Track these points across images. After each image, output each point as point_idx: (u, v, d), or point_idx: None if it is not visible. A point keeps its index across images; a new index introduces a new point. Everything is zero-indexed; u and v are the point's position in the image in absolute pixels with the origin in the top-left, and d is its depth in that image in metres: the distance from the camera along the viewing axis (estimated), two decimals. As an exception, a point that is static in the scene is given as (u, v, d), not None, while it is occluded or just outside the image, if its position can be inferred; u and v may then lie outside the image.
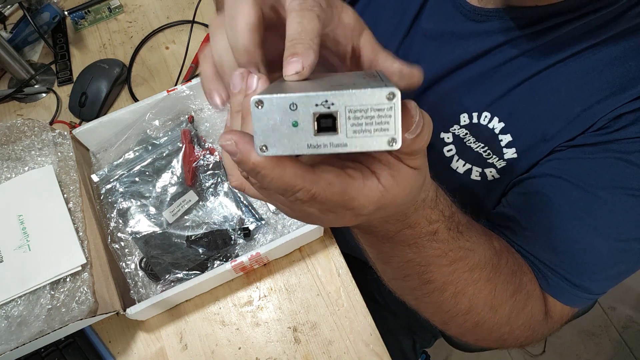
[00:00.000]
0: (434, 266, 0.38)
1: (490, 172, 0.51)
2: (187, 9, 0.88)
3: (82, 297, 0.57)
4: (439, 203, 0.35)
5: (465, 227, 0.39)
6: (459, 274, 0.40)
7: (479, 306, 0.43)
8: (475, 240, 0.40)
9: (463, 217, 0.39)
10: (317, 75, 0.27)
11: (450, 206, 0.37)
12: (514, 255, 0.47)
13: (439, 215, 0.35)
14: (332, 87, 0.22)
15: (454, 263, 0.39)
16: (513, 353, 1.38)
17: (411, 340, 0.85)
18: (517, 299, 0.44)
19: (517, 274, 0.45)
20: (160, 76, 0.82)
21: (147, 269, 0.62)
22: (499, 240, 0.46)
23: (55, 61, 0.85)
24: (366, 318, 0.60)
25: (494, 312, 0.44)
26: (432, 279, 0.40)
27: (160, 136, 0.70)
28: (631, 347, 1.36)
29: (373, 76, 0.26)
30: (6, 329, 0.56)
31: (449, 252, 0.38)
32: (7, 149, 0.68)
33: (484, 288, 0.42)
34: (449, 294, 0.41)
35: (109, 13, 0.89)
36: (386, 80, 0.24)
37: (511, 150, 0.49)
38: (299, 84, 0.24)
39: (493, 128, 0.49)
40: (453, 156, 0.53)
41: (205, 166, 0.67)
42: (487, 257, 0.41)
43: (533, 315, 0.46)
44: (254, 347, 0.60)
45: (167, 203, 0.65)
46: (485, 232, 0.44)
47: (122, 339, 0.61)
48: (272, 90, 0.23)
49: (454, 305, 0.42)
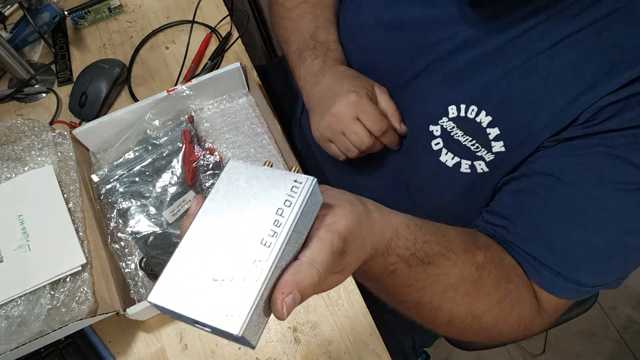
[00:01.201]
0: (402, 292, 0.41)
1: (480, 165, 0.51)
2: (187, 9, 0.88)
3: (82, 297, 0.57)
4: (396, 247, 0.37)
5: (436, 256, 0.40)
6: (430, 296, 0.41)
7: (460, 316, 0.44)
8: (450, 264, 0.41)
9: (436, 245, 0.41)
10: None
11: (414, 243, 0.38)
12: (500, 263, 0.46)
13: (395, 258, 0.37)
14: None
15: (423, 289, 0.41)
16: (513, 353, 1.38)
17: (411, 340, 0.85)
18: (501, 306, 0.45)
19: (502, 283, 0.45)
20: (160, 76, 0.82)
21: (147, 269, 0.62)
22: (485, 252, 0.46)
23: (55, 61, 0.85)
24: (366, 318, 0.60)
25: (477, 320, 0.45)
26: (404, 300, 0.42)
27: (160, 136, 0.70)
28: (631, 347, 1.36)
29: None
30: (6, 329, 0.56)
31: (414, 282, 0.40)
32: (7, 149, 0.68)
33: (461, 302, 0.43)
34: (426, 310, 0.43)
35: (109, 13, 0.89)
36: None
37: (499, 144, 0.49)
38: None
39: (480, 122, 0.49)
40: (441, 149, 0.53)
41: (205, 166, 0.67)
42: (464, 276, 0.43)
43: (521, 317, 0.47)
44: (254, 347, 0.60)
45: (167, 203, 0.65)
46: (466, 250, 0.44)
47: (122, 339, 0.61)
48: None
49: (433, 318, 0.44)
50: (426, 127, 0.54)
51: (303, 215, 0.29)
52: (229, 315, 0.26)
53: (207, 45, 0.84)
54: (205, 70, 0.80)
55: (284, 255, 0.28)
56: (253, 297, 0.26)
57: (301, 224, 0.29)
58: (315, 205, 0.30)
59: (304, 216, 0.29)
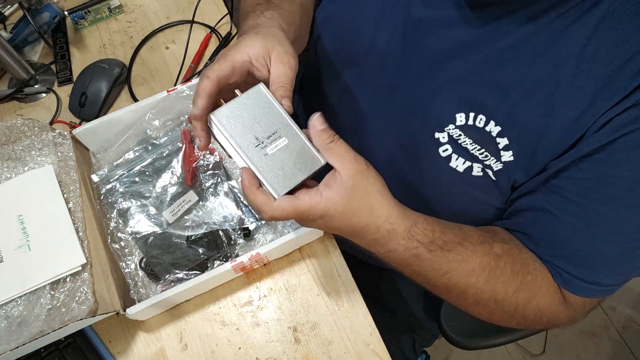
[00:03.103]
0: (431, 276, 0.48)
1: (489, 172, 0.51)
2: (187, 9, 0.88)
3: (82, 297, 0.57)
4: (415, 234, 0.45)
5: (454, 244, 0.47)
6: (455, 280, 0.48)
7: (484, 300, 0.49)
8: (469, 252, 0.47)
9: (453, 236, 0.47)
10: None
11: (432, 232, 0.46)
12: (518, 256, 0.50)
13: (416, 243, 0.45)
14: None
15: (447, 273, 0.47)
16: (513, 353, 1.38)
17: (411, 339, 0.85)
18: (520, 295, 0.49)
19: (519, 273, 0.49)
20: (160, 76, 0.82)
21: (147, 269, 0.62)
22: (502, 245, 0.50)
23: (55, 61, 0.85)
24: (366, 318, 0.60)
25: (500, 306, 0.49)
26: (435, 284, 0.49)
27: (160, 136, 0.70)
28: (631, 347, 1.36)
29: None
30: (6, 329, 0.56)
31: (438, 267, 0.47)
32: (7, 149, 0.68)
33: (484, 287, 0.48)
34: (455, 293, 0.49)
35: (109, 13, 0.89)
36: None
37: (508, 153, 0.49)
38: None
39: (490, 131, 0.49)
40: (451, 155, 0.53)
41: (205, 166, 0.67)
42: (482, 264, 0.47)
43: (541, 308, 0.50)
44: (254, 347, 0.60)
45: (167, 203, 0.65)
46: (484, 242, 0.49)
47: (122, 339, 0.61)
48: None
49: (463, 300, 0.50)
50: (431, 134, 0.53)
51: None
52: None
53: (207, 45, 0.84)
54: (205, 70, 0.80)
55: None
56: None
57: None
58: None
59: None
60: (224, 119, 0.44)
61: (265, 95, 0.45)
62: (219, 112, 0.44)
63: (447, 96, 0.52)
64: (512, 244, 0.51)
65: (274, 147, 0.43)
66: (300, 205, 0.42)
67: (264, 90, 0.45)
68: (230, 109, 0.44)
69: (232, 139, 0.43)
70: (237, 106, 0.44)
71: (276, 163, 0.43)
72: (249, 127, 0.44)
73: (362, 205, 0.43)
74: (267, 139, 0.43)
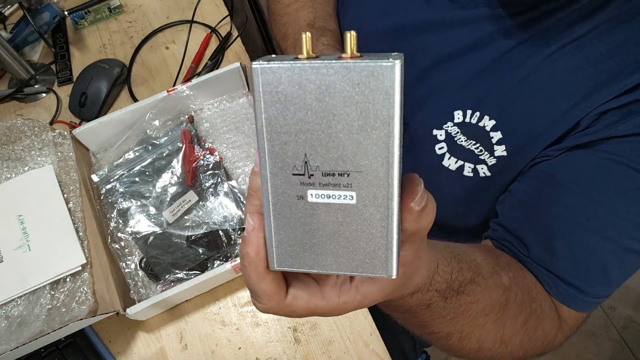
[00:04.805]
0: (434, 323, 0.39)
1: (482, 169, 0.51)
2: (187, 9, 0.88)
3: (82, 297, 0.57)
4: (435, 282, 0.34)
5: (468, 284, 0.38)
6: (461, 324, 0.40)
7: (488, 344, 0.43)
8: (480, 290, 0.40)
9: (468, 273, 0.38)
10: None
11: (450, 274, 0.36)
12: (522, 282, 0.46)
13: (434, 293, 0.35)
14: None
15: (454, 318, 0.39)
16: (513, 353, 1.38)
17: (411, 339, 0.85)
18: (527, 326, 0.44)
19: (526, 303, 0.44)
20: (160, 76, 0.82)
21: (147, 269, 0.62)
22: (508, 273, 0.44)
23: (55, 61, 0.85)
24: (366, 318, 0.60)
25: (505, 346, 0.44)
26: (434, 331, 0.40)
27: (160, 136, 0.70)
28: (631, 347, 1.36)
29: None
30: (6, 329, 0.56)
31: (447, 314, 0.38)
32: (7, 149, 0.68)
33: (492, 329, 0.42)
34: (455, 339, 0.41)
35: (109, 13, 0.89)
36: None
37: (501, 148, 0.49)
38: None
39: (484, 126, 0.50)
40: (444, 154, 0.54)
41: (205, 166, 0.67)
42: (493, 301, 0.41)
43: (545, 333, 0.46)
44: (254, 347, 0.60)
45: (167, 203, 0.65)
46: (493, 273, 0.42)
47: (122, 339, 0.61)
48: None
49: (462, 347, 0.43)
50: (430, 131, 0.54)
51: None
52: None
53: (207, 45, 0.84)
54: (205, 70, 0.80)
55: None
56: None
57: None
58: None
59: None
60: (273, 93, 0.22)
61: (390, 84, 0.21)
62: (272, 72, 0.22)
63: (446, 95, 0.53)
64: (514, 267, 0.47)
65: (325, 196, 0.23)
66: (321, 308, 0.27)
67: (397, 71, 0.21)
68: (299, 75, 0.21)
69: (264, 140, 0.23)
70: (316, 77, 0.21)
71: (313, 223, 0.24)
72: (307, 134, 0.22)
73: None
74: (322, 174, 0.23)
